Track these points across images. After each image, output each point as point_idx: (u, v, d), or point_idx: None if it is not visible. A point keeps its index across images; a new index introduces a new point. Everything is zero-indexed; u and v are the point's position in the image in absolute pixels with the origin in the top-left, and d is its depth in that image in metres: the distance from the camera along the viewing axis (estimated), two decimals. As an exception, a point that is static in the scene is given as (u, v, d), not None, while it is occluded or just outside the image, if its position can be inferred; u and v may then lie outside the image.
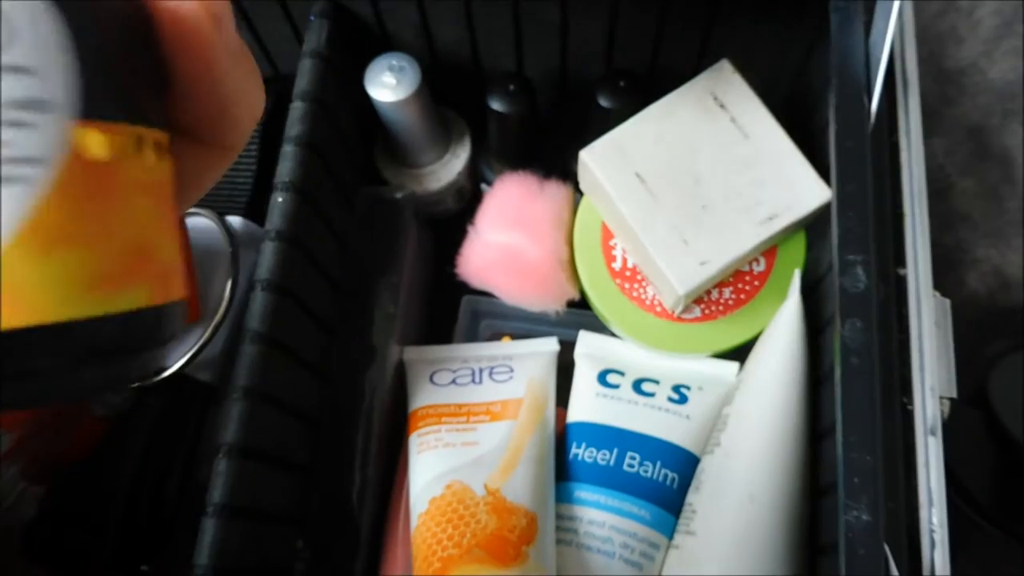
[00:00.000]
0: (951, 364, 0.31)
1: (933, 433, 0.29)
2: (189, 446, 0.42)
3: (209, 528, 0.36)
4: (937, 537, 0.29)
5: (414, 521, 0.40)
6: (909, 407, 0.30)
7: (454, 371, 0.47)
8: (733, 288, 0.44)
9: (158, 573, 0.41)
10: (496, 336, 0.50)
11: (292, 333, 0.41)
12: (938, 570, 0.28)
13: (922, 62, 0.57)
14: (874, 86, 0.31)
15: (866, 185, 0.30)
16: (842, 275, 0.28)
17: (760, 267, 0.44)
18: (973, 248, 0.52)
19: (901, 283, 0.31)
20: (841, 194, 0.29)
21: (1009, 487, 0.46)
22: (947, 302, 0.32)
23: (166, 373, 0.41)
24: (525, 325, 0.50)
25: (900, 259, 0.32)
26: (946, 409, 0.31)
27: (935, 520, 0.29)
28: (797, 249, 0.43)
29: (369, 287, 0.48)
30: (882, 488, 0.26)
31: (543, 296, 0.45)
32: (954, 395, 0.31)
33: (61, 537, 0.39)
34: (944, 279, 0.52)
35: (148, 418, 0.41)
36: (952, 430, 0.47)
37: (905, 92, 0.34)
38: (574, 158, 0.46)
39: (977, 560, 0.47)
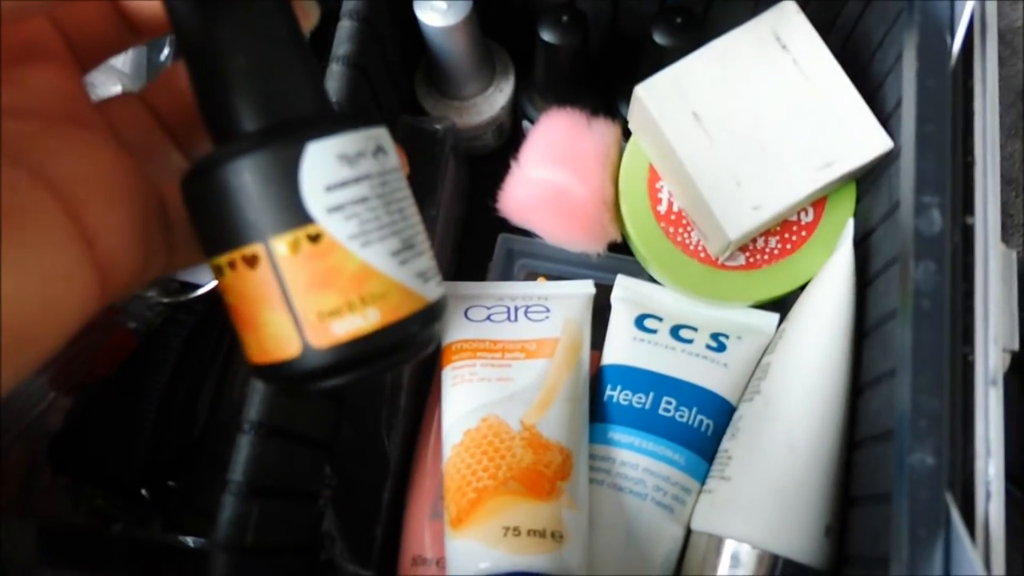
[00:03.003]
0: (1015, 317, 0.31)
1: (994, 384, 0.29)
2: (221, 365, 0.41)
3: (245, 445, 0.35)
4: (993, 488, 0.28)
5: (447, 452, 0.40)
6: (970, 358, 0.29)
7: (489, 307, 0.46)
8: (779, 237, 0.43)
9: (185, 489, 0.41)
10: (531, 276, 0.49)
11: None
12: (992, 522, 0.28)
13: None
14: (957, 25, 0.30)
15: (945, 127, 0.29)
16: (917, 216, 0.28)
17: (808, 218, 0.43)
18: (1018, 212, 0.52)
19: (968, 232, 0.30)
20: (920, 135, 0.28)
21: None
22: (1013, 254, 0.31)
23: (200, 291, 0.41)
24: (561, 267, 0.49)
25: (969, 207, 0.31)
26: (1007, 361, 0.30)
27: (992, 471, 0.28)
28: (847, 201, 0.42)
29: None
30: (948, 433, 0.26)
31: (586, 237, 0.44)
32: (1016, 348, 0.30)
33: (87, 450, 0.38)
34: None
35: (180, 335, 0.40)
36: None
37: (983, 36, 0.33)
38: (624, 97, 0.45)
39: (1017, 529, 0.47)
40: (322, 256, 0.22)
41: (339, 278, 0.22)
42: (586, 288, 0.46)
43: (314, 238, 0.21)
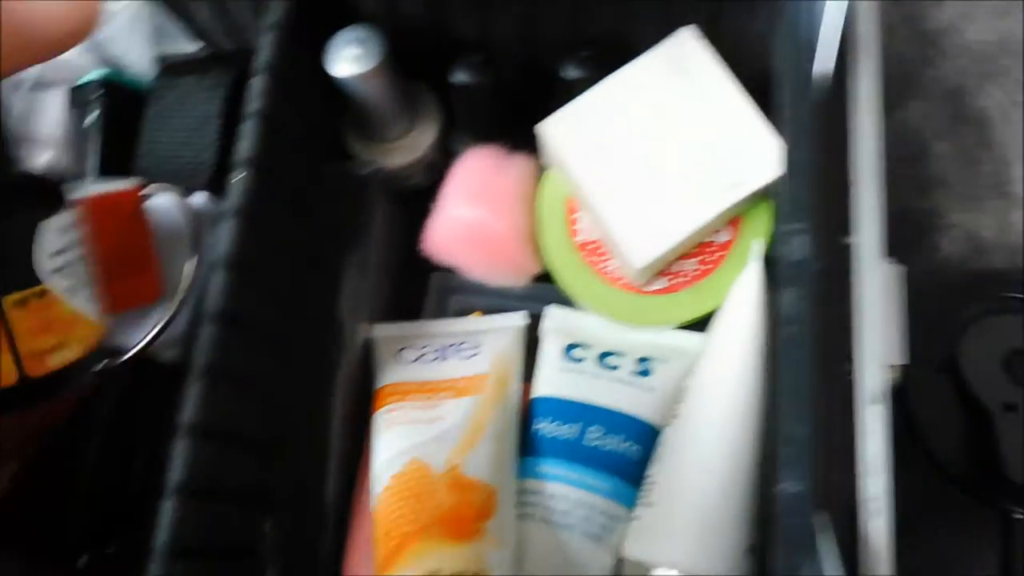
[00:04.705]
0: (902, 331, 0.31)
1: (875, 402, 0.29)
2: (155, 426, 0.42)
3: (168, 509, 0.36)
4: (874, 507, 0.28)
5: (375, 498, 0.40)
6: (851, 378, 0.30)
7: (421, 348, 0.47)
8: (698, 259, 0.43)
9: (125, 555, 0.41)
10: (466, 312, 0.49)
11: (254, 312, 0.41)
12: (877, 539, 0.28)
13: (901, 24, 0.56)
14: (822, 51, 0.30)
15: (811, 153, 0.29)
16: (782, 245, 0.28)
17: (725, 237, 0.43)
18: (948, 213, 0.52)
19: (847, 252, 0.31)
20: (786, 162, 0.29)
21: (978, 454, 0.45)
22: (899, 268, 0.32)
23: (128, 355, 0.42)
24: (496, 300, 0.49)
25: (848, 227, 0.31)
26: (897, 376, 0.31)
27: (874, 490, 0.29)
28: (762, 219, 0.43)
29: (337, 264, 0.48)
30: (814, 459, 0.26)
31: (505, 271, 0.45)
32: (905, 362, 0.31)
33: (22, 520, 0.39)
34: (919, 244, 0.51)
35: (110, 399, 0.41)
36: (923, 397, 0.47)
37: (858, 57, 0.33)
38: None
39: (949, 526, 0.47)
40: (46, 308, 0.31)
41: (56, 323, 0.32)
42: (516, 320, 0.47)
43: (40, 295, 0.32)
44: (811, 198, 0.29)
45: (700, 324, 0.44)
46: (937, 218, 0.52)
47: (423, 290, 0.50)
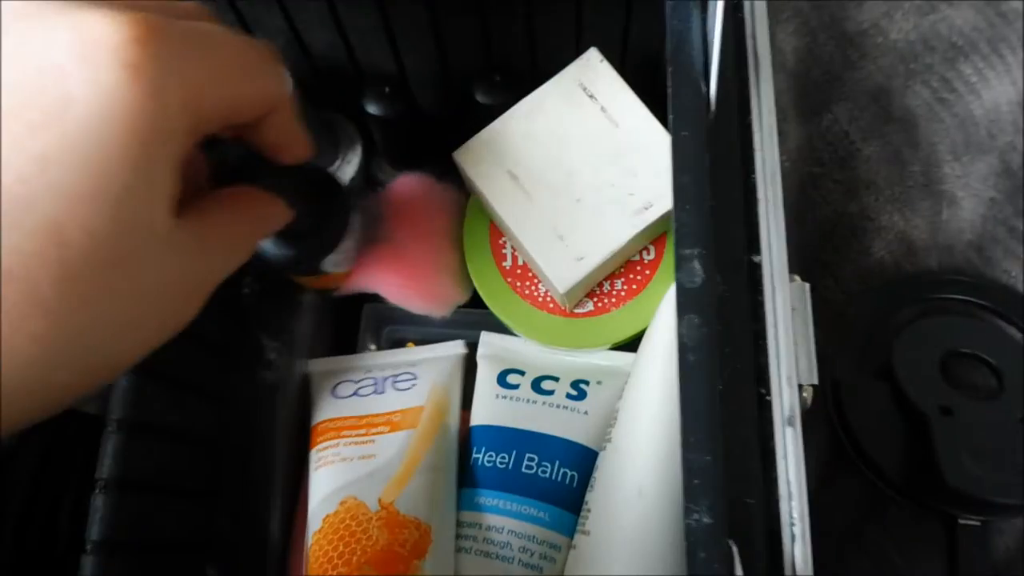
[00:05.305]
0: (811, 350, 0.31)
1: (791, 423, 0.29)
2: (80, 480, 0.41)
3: (88, 566, 0.35)
4: (797, 531, 0.28)
5: (309, 540, 0.40)
6: (768, 398, 0.29)
7: (357, 382, 0.46)
8: (624, 279, 0.43)
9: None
10: (400, 343, 0.49)
11: (174, 359, 0.40)
12: (799, 564, 0.28)
13: (821, 26, 0.56)
14: (710, 71, 0.30)
15: (701, 177, 0.29)
16: (679, 271, 0.28)
17: (650, 256, 0.43)
18: (878, 215, 0.52)
19: (755, 271, 0.30)
20: (675, 187, 0.29)
21: (917, 459, 0.45)
22: (806, 286, 0.31)
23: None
24: (431, 330, 0.49)
25: (755, 247, 0.31)
26: (808, 397, 0.30)
27: (795, 514, 0.28)
28: (686, 234, 0.42)
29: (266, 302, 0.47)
30: (723, 489, 0.26)
31: (427, 299, 0.44)
32: (815, 382, 0.30)
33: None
34: (850, 248, 0.51)
35: (32, 454, 0.40)
36: (860, 404, 0.47)
37: (756, 72, 0.33)
38: (458, 157, 0.45)
39: (893, 533, 0.47)
40: None
41: None
42: (455, 349, 0.46)
43: None
44: (705, 222, 0.28)
45: (633, 344, 0.44)
46: (868, 221, 0.52)
47: (357, 320, 0.49)
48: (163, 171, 0.22)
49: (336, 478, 0.41)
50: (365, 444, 0.42)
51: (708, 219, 0.28)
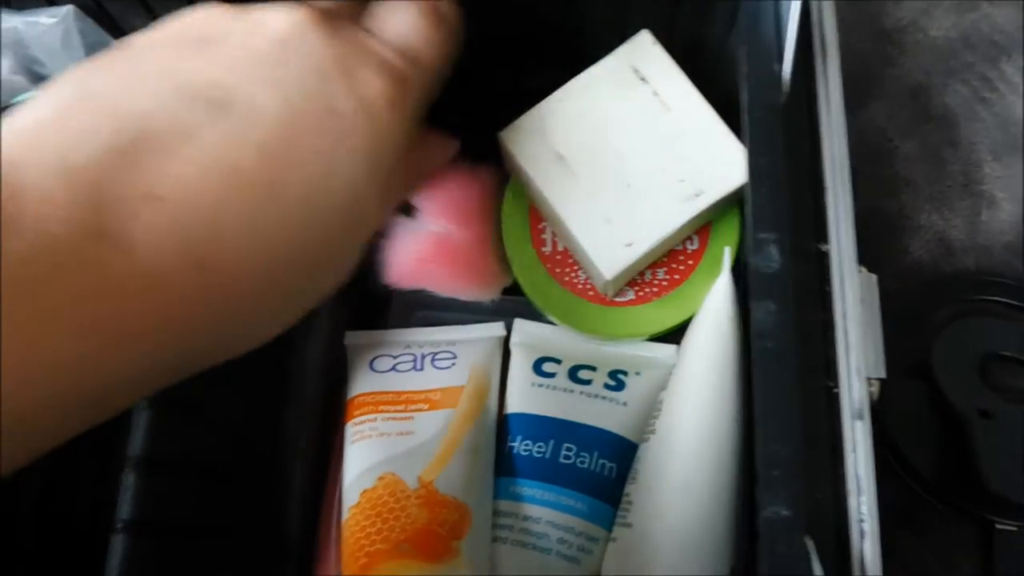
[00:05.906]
0: (879, 343, 0.30)
1: (860, 417, 0.28)
2: (102, 458, 0.40)
3: (118, 546, 0.34)
4: (867, 527, 0.27)
5: (344, 514, 0.39)
6: (835, 391, 0.28)
7: (395, 356, 0.45)
8: (667, 268, 0.42)
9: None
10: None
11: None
12: (868, 561, 0.27)
13: (859, 22, 0.56)
14: (784, 51, 0.29)
15: (778, 158, 0.28)
16: (755, 255, 0.27)
17: (694, 245, 0.42)
18: (917, 214, 0.51)
19: (823, 260, 0.30)
20: (753, 169, 0.28)
21: (954, 462, 0.44)
22: (873, 277, 0.31)
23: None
24: (462, 315, 0.48)
25: (822, 235, 0.30)
26: (876, 391, 0.30)
27: (864, 509, 0.27)
28: (731, 226, 0.42)
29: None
30: (803, 480, 0.25)
31: (474, 284, 0.43)
32: (883, 375, 0.30)
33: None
34: (888, 247, 0.51)
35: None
36: (896, 404, 0.46)
37: (824, 58, 0.32)
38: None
39: (928, 537, 0.46)
40: None
41: None
42: (495, 331, 0.45)
43: None
44: (783, 205, 0.27)
45: (673, 335, 0.43)
46: (905, 220, 0.51)
47: (384, 308, 0.48)
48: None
49: (374, 453, 0.40)
50: (404, 420, 0.41)
51: (785, 203, 0.27)
